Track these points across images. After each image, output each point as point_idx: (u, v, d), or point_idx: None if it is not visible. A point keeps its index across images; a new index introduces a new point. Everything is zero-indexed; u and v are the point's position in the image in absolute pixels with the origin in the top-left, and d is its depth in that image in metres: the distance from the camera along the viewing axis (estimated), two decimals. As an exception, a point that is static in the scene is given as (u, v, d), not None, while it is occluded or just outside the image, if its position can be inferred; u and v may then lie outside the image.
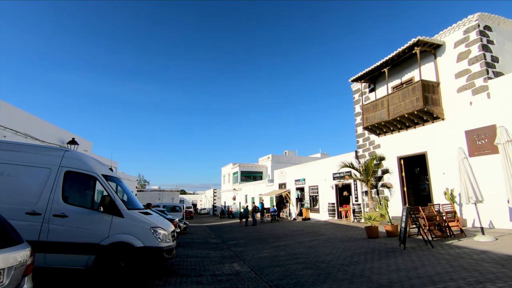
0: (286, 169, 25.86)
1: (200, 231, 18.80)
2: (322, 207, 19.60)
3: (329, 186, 18.77)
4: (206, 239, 14.05)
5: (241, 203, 36.93)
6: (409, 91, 12.00)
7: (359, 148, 16.40)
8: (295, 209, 23.20)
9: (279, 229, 16.35)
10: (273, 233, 14.34)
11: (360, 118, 16.44)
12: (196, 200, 73.51)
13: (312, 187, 21.09)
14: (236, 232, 16.90)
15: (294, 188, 23.62)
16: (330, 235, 11.61)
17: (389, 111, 12.97)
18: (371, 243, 9.02)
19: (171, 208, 21.39)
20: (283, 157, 41.21)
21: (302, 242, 10.54)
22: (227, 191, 44.57)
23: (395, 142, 13.81)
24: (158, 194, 38.20)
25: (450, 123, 11.26)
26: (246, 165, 41.46)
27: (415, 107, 11.59)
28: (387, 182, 14.19)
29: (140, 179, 45.71)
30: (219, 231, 18.54)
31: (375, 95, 15.20)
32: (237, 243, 11.82)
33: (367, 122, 14.41)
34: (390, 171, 14.00)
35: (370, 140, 15.51)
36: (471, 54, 10.68)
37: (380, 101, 13.65)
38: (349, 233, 11.66)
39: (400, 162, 13.60)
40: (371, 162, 14.26)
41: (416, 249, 7.57)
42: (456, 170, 10.79)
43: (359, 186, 16.30)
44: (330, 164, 19.07)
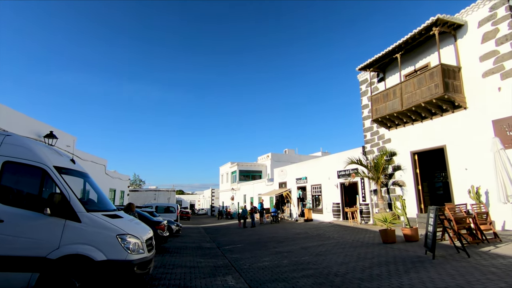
0: (287, 167, 24.54)
1: (194, 234, 17.46)
2: (325, 207, 18.30)
3: (334, 185, 17.46)
4: (199, 243, 12.72)
5: (240, 203, 35.60)
6: (426, 77, 10.70)
7: (366, 143, 15.10)
8: (297, 210, 21.88)
9: (280, 231, 15.04)
10: (273, 236, 13.02)
11: (368, 111, 15.14)
12: (194, 200, 72.15)
13: (315, 186, 19.78)
14: (233, 235, 15.57)
15: (295, 187, 22.31)
16: (338, 239, 10.30)
17: (402, 101, 11.67)
18: (389, 249, 7.72)
19: (164, 208, 20.04)
20: (283, 155, 39.95)
21: (308, 247, 9.23)
22: (225, 191, 43.23)
23: (408, 135, 12.51)
24: (154, 194, 36.85)
25: (474, 112, 9.98)
26: (245, 164, 40.15)
27: (434, 95, 10.30)
28: (399, 180, 12.89)
29: (135, 178, 44.38)
30: (215, 234, 17.20)
31: (385, 85, 13.91)
32: (233, 248, 10.50)
33: (377, 114, 13.11)
34: (403, 167, 12.71)
35: (379, 134, 14.21)
36: (499, 33, 9.38)
37: (391, 90, 12.35)
38: (359, 237, 10.35)
39: (414, 157, 12.31)
40: (381, 158, 12.96)
41: (448, 258, 6.27)
42: (481, 165, 9.53)
43: (366, 184, 15.00)
44: (334, 161, 17.76)
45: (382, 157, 12.90)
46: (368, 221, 14.65)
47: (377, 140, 14.38)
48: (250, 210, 18.93)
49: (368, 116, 15.08)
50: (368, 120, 15.05)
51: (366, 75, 15.37)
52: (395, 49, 12.03)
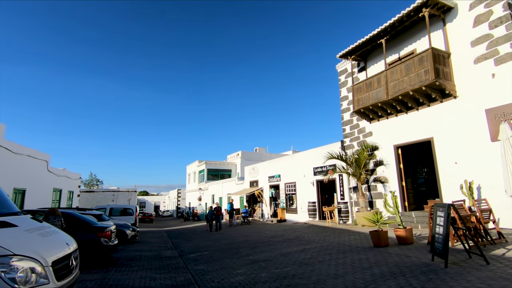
0: (258, 165, 23.13)
1: (155, 239, 15.35)
2: (300, 206, 17.13)
3: (309, 183, 16.33)
4: (158, 250, 10.79)
5: (208, 204, 33.57)
6: (415, 63, 9.82)
7: (345, 137, 14.12)
8: (269, 210, 20.53)
9: (252, 234, 13.52)
10: (246, 240, 11.46)
11: (347, 103, 14.17)
12: (159, 201, 68.40)
13: (289, 184, 18.56)
14: (199, 239, 13.76)
15: (268, 186, 20.96)
16: (321, 243, 9.01)
17: (387, 90, 10.74)
18: (386, 255, 6.52)
19: (120, 210, 17.58)
20: (254, 154, 38.58)
21: (288, 254, 7.80)
22: (192, 191, 40.86)
23: (392, 128, 11.64)
24: (112, 195, 33.50)
25: (465, 101, 9.24)
26: (213, 163, 38.18)
27: (424, 82, 9.42)
28: (381, 176, 11.99)
29: (91, 178, 40.34)
30: (178, 238, 15.24)
31: (366, 74, 12.99)
32: (199, 257, 8.77)
33: (359, 104, 12.11)
34: (385, 162, 11.83)
35: (360, 128, 13.27)
36: (493, 15, 8.69)
37: (375, 79, 11.40)
38: (344, 239, 9.15)
39: (397, 151, 11.46)
40: (363, 152, 11.98)
41: (463, 265, 5.16)
42: (473, 158, 8.77)
43: (345, 182, 14.01)
44: (310, 157, 16.66)
45: (364, 151, 11.92)
46: (347, 220, 13.65)
47: (357, 134, 13.43)
48: (215, 210, 17.25)
49: (347, 108, 14.11)
50: (347, 112, 14.08)
51: (346, 65, 14.41)
52: (380, 33, 11.09)
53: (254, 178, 23.11)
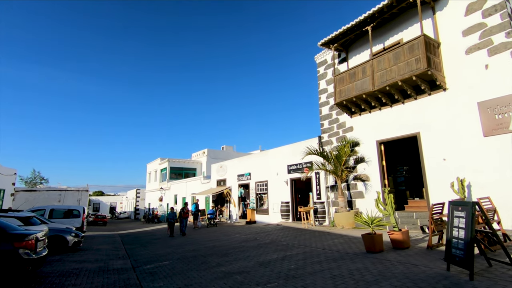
0: (227, 162, 21.61)
1: (105, 245, 13.14)
2: (272, 207, 15.95)
3: (283, 181, 15.23)
4: (107, 260, 8.85)
5: (170, 205, 31.20)
6: (404, 51, 9.10)
7: (323, 132, 13.21)
8: (237, 210, 19.11)
9: (221, 237, 12.00)
10: (214, 246, 9.94)
11: (326, 96, 13.29)
12: (116, 202, 63.42)
13: (260, 183, 17.32)
14: (159, 245, 11.92)
15: (237, 185, 19.53)
16: (303, 248, 7.82)
17: (374, 80, 9.94)
18: (387, 263, 5.48)
19: (63, 212, 14.96)
20: (221, 152, 36.92)
21: (268, 262, 6.47)
22: (152, 191, 37.99)
23: (375, 122, 10.91)
24: (59, 194, 29.63)
25: (455, 93, 8.68)
26: (176, 161, 35.79)
27: (414, 71, 8.71)
28: (361, 174, 11.20)
29: (34, 176, 35.55)
30: (134, 244, 13.21)
31: (348, 66, 12.19)
32: (157, 269, 7.10)
33: (341, 96, 11.23)
34: (367, 159, 11.07)
35: (339, 122, 12.43)
36: (486, 3, 8.21)
37: (360, 68, 10.58)
38: (329, 244, 8.06)
39: (380, 147, 10.74)
40: (344, 147, 11.09)
41: (488, 276, 4.24)
42: (463, 154, 8.20)
43: (322, 180, 13.09)
44: (284, 154, 15.57)
45: (345, 146, 11.04)
46: (323, 222, 12.72)
47: (336, 129, 12.58)
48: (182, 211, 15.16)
49: (326, 102, 13.23)
50: (326, 106, 13.19)
51: (325, 56, 13.54)
52: (367, 19, 10.29)
53: (222, 176, 21.54)
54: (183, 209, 15.00)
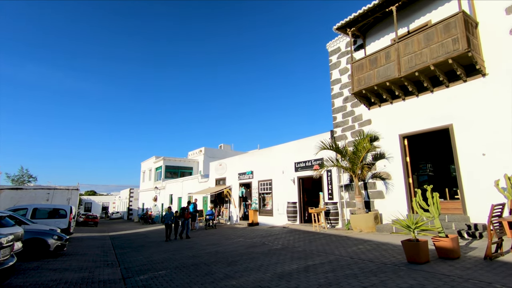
0: (227, 160, 20.38)
1: (93, 249, 11.81)
2: (277, 208, 14.76)
3: (290, 180, 14.05)
4: (93, 269, 7.57)
5: (164, 205, 29.81)
6: (438, 31, 8.00)
7: (336, 127, 12.07)
8: (238, 211, 17.88)
9: (223, 241, 10.77)
10: (217, 251, 8.71)
11: (339, 87, 12.17)
12: (108, 202, 61.63)
13: (263, 182, 16.13)
14: (153, 250, 10.65)
15: (237, 184, 18.30)
16: (325, 256, 6.64)
17: (400, 65, 8.83)
18: (447, 280, 4.32)
19: (48, 212, 13.58)
20: (218, 151, 35.64)
21: (289, 275, 5.27)
22: (147, 190, 36.54)
23: (397, 114, 9.81)
24: (47, 193, 27.98)
25: (496, 79, 7.60)
26: (172, 159, 34.43)
27: (451, 53, 7.62)
28: (381, 172, 10.08)
29: (22, 173, 33.89)
30: (126, 247, 11.91)
31: (365, 52, 11.09)
32: (152, 281, 5.86)
33: (360, 85, 10.11)
34: (387, 155, 9.96)
35: (355, 115, 11.31)
36: (537, -25, 7.17)
37: (383, 53, 9.46)
38: (355, 251, 6.89)
39: (403, 142, 9.63)
40: (362, 141, 9.97)
41: None
42: (508, 148, 7.10)
43: (335, 178, 11.95)
44: (291, 150, 14.41)
45: (364, 140, 9.91)
46: (336, 224, 11.56)
47: (351, 123, 11.45)
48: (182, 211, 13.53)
49: (339, 93, 12.11)
50: (339, 98, 12.06)
51: (338, 43, 12.42)
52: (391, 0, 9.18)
53: (221, 175, 20.29)
54: (185, 208, 13.48)
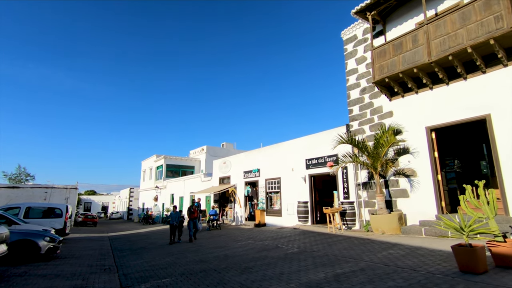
0: (231, 158, 19.51)
1: (90, 251, 10.94)
2: (286, 207, 13.88)
3: (300, 178, 13.16)
4: (86, 275, 6.69)
5: (165, 205, 28.95)
6: (476, 9, 7.13)
7: (352, 120, 11.20)
8: (243, 211, 17.00)
9: (231, 244, 9.89)
10: (226, 255, 7.83)
11: (355, 77, 11.29)
12: (108, 202, 60.84)
13: (271, 181, 15.24)
14: (156, 252, 9.77)
15: (243, 182, 17.42)
16: (355, 263, 5.76)
17: (430, 49, 7.95)
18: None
19: (42, 211, 12.71)
20: (221, 150, 34.79)
21: (320, 285, 4.40)
22: (147, 190, 35.69)
23: (423, 105, 8.93)
24: (44, 192, 27.24)
25: (545, 62, 6.73)
26: (173, 158, 33.59)
27: (493, 32, 6.75)
28: (405, 168, 9.20)
29: (19, 172, 33.02)
30: (125, 250, 11.04)
31: (385, 39, 10.21)
32: (155, 292, 4.99)
33: (382, 73, 9.23)
34: (412, 150, 9.08)
35: (374, 107, 10.44)
36: None
37: (410, 36, 8.58)
38: (385, 256, 6.01)
39: (430, 136, 8.75)
40: (384, 135, 9.08)
41: None
42: None
43: (351, 176, 11.07)
44: (302, 146, 13.53)
45: (387, 133, 9.02)
46: (352, 225, 10.68)
47: (370, 115, 10.57)
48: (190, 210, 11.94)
49: (356, 84, 11.23)
50: (356, 89, 11.19)
51: (354, 30, 11.55)
52: (420, -25, 8.31)
53: (225, 173, 19.42)
54: (191, 207, 12.21)
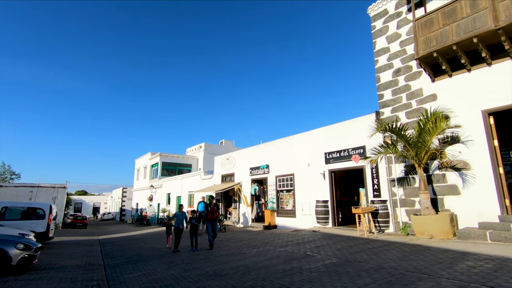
0: (235, 154, 17.92)
1: (75, 259, 9.23)
2: (301, 207, 12.35)
3: (319, 174, 11.65)
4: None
5: (161, 205, 27.19)
6: None
7: (383, 106, 9.74)
8: (250, 212, 15.42)
9: (245, 250, 8.30)
10: (246, 266, 6.26)
11: (387, 57, 9.84)
12: (100, 202, 58.58)
13: (282, 178, 13.70)
14: (156, 261, 8.13)
15: (249, 180, 15.85)
16: (434, 280, 4.24)
17: (497, 12, 6.52)
18: None
19: (21, 212, 10.94)
20: (219, 147, 33.15)
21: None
22: (141, 189, 33.84)
23: (478, 85, 7.51)
24: (30, 191, 25.28)
25: None
26: (170, 156, 31.85)
27: None
28: (455, 160, 7.75)
29: (3, 170, 30.83)
30: (119, 257, 9.37)
31: (425, 10, 8.76)
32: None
33: (429, 46, 7.77)
34: (463, 139, 7.64)
35: (412, 90, 8.99)
36: None
37: (465, 2, 7.14)
38: (465, 269, 4.52)
39: (488, 121, 7.33)
40: (429, 121, 7.63)
41: None
42: None
43: (382, 171, 9.60)
44: (319, 139, 12.04)
45: (438, 117, 7.57)
46: (385, 228, 9.20)
47: (406, 100, 9.12)
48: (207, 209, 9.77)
49: (387, 65, 9.78)
50: (387, 71, 9.73)
51: (385, 5, 10.11)
52: None
53: (228, 171, 17.81)
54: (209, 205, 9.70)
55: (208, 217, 9.21)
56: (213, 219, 9.27)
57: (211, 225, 9.19)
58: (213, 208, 9.42)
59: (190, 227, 9.34)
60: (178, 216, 9.62)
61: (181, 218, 9.61)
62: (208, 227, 9.21)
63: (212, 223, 9.22)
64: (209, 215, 9.27)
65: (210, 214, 9.28)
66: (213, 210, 9.35)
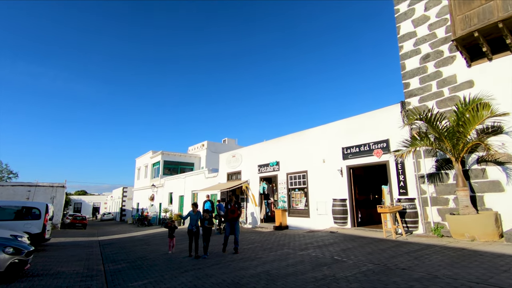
0: (242, 151, 17.09)
1: (73, 264, 8.39)
2: (316, 207, 11.51)
3: (336, 170, 10.81)
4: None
5: (162, 205, 26.35)
6: None
7: (410, 96, 8.90)
8: (259, 212, 14.58)
9: (262, 254, 7.46)
10: (269, 274, 5.43)
11: (413, 42, 9.01)
12: (100, 202, 57.74)
13: (294, 175, 12.86)
14: (162, 266, 7.29)
15: (257, 178, 15.01)
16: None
17: (555, -18, 5.69)
18: None
19: (15, 212, 10.10)
20: (222, 145, 32.37)
21: None
22: (142, 189, 33.00)
23: (525, 68, 6.68)
24: (27, 190, 24.48)
25: None
26: (172, 154, 30.99)
27: None
28: (497, 153, 6.93)
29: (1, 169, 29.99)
30: (121, 261, 8.53)
31: (460, -10, 7.93)
32: None
33: (469, 25, 6.94)
34: (507, 129, 6.82)
35: (444, 77, 8.15)
36: None
37: (514, -28, 6.32)
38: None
39: (537, 108, 6.49)
40: (467, 108, 6.81)
41: None
42: None
43: (409, 167, 8.76)
44: (336, 132, 11.21)
45: (480, 103, 6.74)
46: (414, 229, 8.36)
47: (436, 88, 8.29)
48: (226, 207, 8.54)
49: (413, 51, 8.95)
50: (414, 57, 8.90)
51: (411, -14, 9.28)
52: None
53: (235, 168, 16.98)
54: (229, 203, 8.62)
55: (228, 217, 8.20)
56: (234, 219, 8.19)
57: (231, 225, 8.15)
58: (233, 206, 8.41)
59: (203, 229, 8.07)
60: (192, 216, 8.28)
61: (195, 218, 8.25)
62: (227, 227, 8.18)
63: (233, 223, 8.16)
64: (229, 214, 8.25)
65: (230, 213, 8.26)
66: (233, 209, 8.34)
